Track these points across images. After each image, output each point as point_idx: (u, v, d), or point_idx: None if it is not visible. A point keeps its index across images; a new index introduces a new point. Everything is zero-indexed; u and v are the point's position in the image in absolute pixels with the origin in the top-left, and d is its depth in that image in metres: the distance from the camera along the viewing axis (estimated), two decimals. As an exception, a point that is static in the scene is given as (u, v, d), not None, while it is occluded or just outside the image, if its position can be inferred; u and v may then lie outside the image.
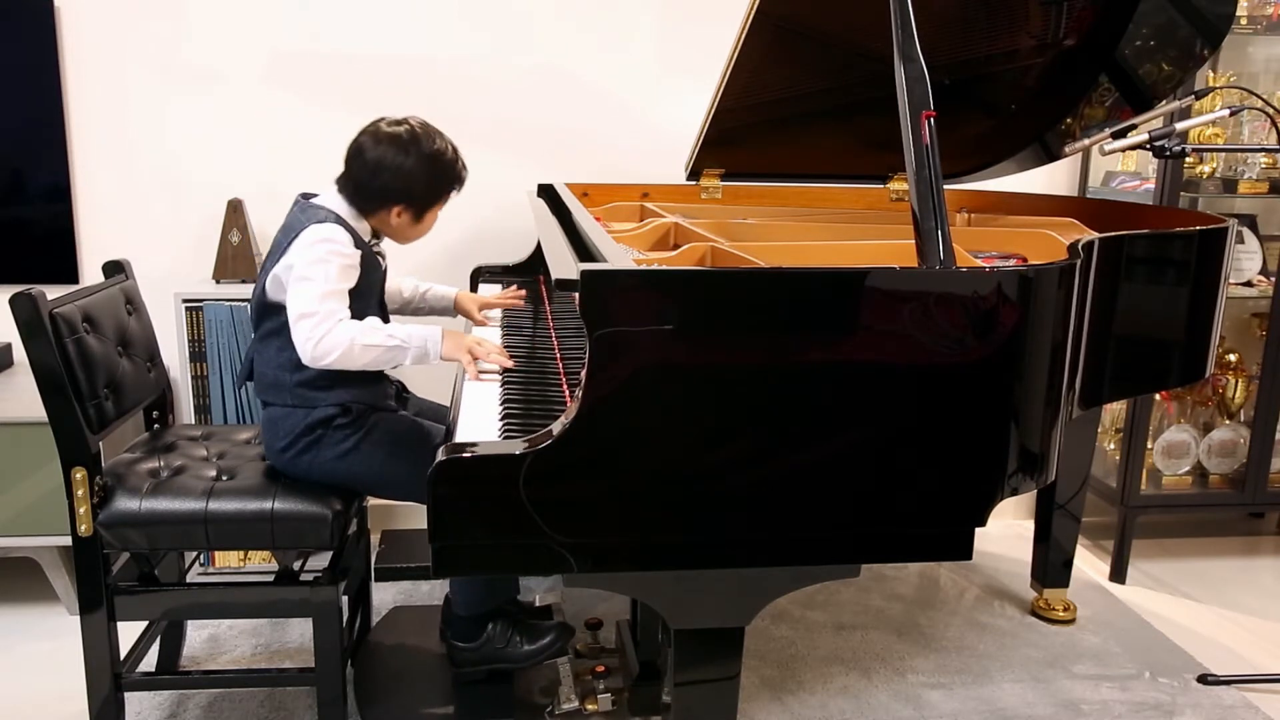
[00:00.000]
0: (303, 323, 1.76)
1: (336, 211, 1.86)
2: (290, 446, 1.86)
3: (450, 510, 1.34)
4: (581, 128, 2.87)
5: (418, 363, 1.81)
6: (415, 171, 1.85)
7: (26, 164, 2.69)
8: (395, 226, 1.92)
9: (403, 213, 1.89)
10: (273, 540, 1.81)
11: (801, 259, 1.95)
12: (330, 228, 1.81)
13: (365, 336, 1.77)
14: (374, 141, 1.85)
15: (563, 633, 2.05)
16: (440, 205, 1.94)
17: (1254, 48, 2.97)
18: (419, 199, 1.89)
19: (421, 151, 1.85)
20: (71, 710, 2.10)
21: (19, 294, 1.67)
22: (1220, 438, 2.94)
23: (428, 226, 1.96)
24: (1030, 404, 1.48)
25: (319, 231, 1.80)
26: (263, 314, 1.88)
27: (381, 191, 1.86)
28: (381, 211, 1.89)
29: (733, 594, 1.46)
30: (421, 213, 1.92)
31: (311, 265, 1.78)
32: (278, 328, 1.85)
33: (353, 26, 2.75)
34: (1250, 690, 2.29)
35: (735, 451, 1.36)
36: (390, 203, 1.88)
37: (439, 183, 1.90)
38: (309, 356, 1.77)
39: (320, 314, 1.76)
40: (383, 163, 1.84)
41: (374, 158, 1.84)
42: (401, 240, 1.97)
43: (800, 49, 2.19)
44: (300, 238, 1.81)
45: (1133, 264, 2.03)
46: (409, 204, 1.88)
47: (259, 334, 1.90)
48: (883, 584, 2.77)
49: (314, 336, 1.75)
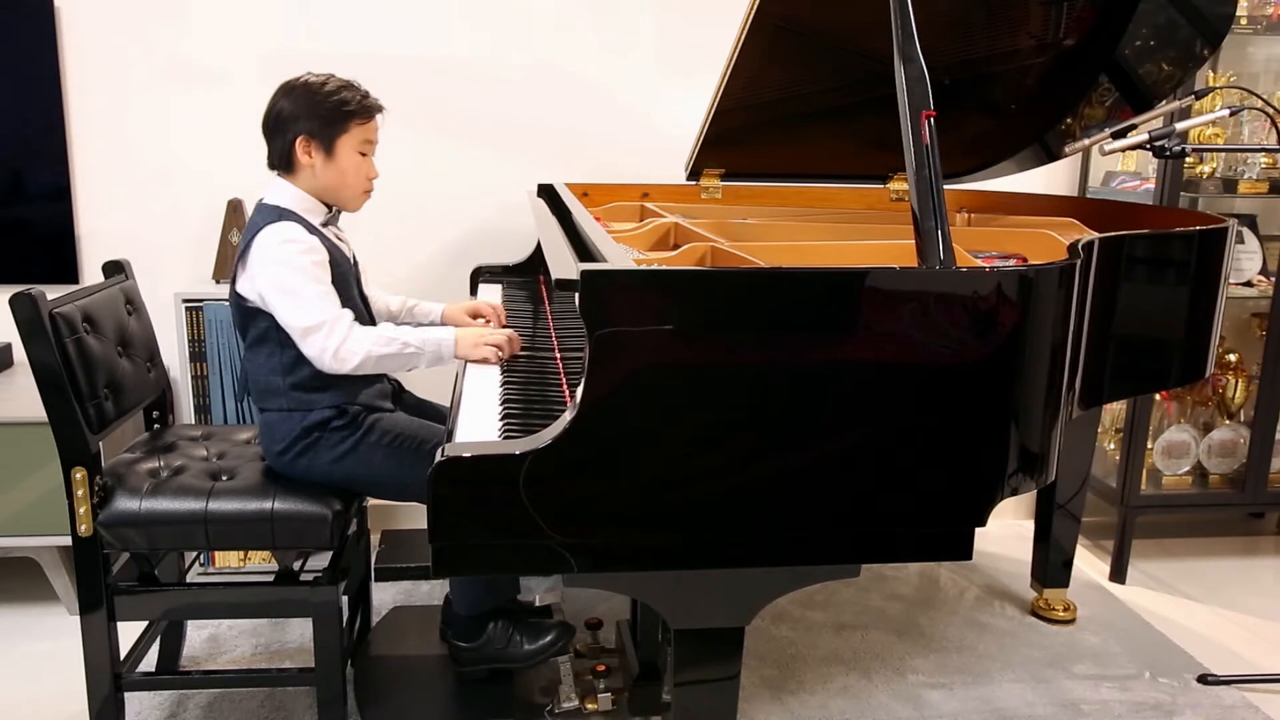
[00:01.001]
0: (312, 337, 1.77)
1: (280, 203, 1.87)
2: (288, 450, 1.86)
3: (450, 510, 1.34)
4: (581, 128, 2.88)
5: (433, 365, 1.85)
6: (300, 104, 1.86)
7: (26, 164, 2.69)
8: (316, 171, 1.88)
9: (310, 147, 1.86)
10: (273, 540, 1.81)
11: (801, 259, 1.95)
12: (280, 227, 1.81)
13: (381, 347, 1.80)
14: (270, 101, 1.90)
15: (564, 632, 2.05)
16: (354, 135, 1.89)
17: (1254, 48, 2.97)
18: (316, 127, 1.86)
19: (304, 87, 1.88)
20: (71, 710, 2.10)
21: (19, 294, 1.67)
22: (1220, 438, 2.94)
23: (356, 168, 1.91)
24: (1030, 404, 1.48)
25: (269, 235, 1.80)
26: (245, 321, 1.88)
27: (280, 132, 1.87)
28: (295, 157, 1.87)
29: (733, 594, 1.46)
30: (330, 144, 1.87)
31: (288, 275, 1.78)
32: (263, 333, 1.85)
33: (352, 26, 2.75)
34: (1250, 690, 2.29)
35: (735, 451, 1.36)
36: (291, 139, 1.86)
37: (330, 109, 1.86)
38: (326, 366, 1.78)
39: (326, 323, 1.77)
40: (272, 111, 1.89)
41: (268, 112, 1.90)
42: (342, 200, 1.93)
43: (800, 49, 2.19)
44: (256, 245, 1.80)
45: (1133, 264, 2.03)
46: (308, 135, 1.86)
47: (247, 342, 1.90)
48: (883, 584, 2.77)
49: (329, 347, 1.76)
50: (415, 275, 2.85)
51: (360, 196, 1.95)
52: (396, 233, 2.82)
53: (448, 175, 2.85)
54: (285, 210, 1.86)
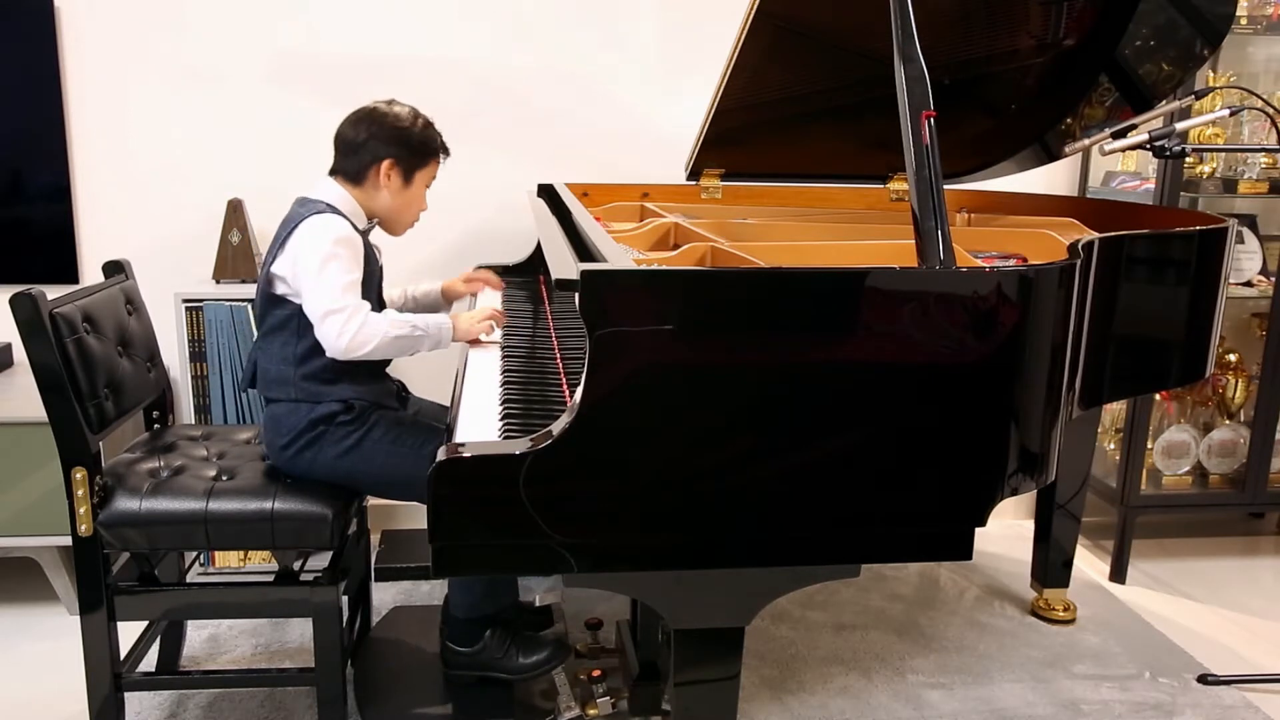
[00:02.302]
0: (331, 319, 1.80)
1: (331, 202, 1.92)
2: (292, 443, 1.86)
3: (450, 510, 1.34)
4: (581, 128, 2.88)
5: (434, 348, 1.93)
6: (399, 126, 1.95)
7: (26, 164, 2.69)
8: (387, 194, 1.95)
9: (392, 172, 1.94)
10: (273, 540, 1.81)
11: (801, 259, 1.95)
12: (328, 217, 1.86)
13: (395, 328, 1.85)
14: (355, 115, 1.97)
15: (559, 649, 2.06)
16: (428, 171, 2.01)
17: (1254, 48, 2.97)
18: (406, 152, 1.95)
19: (399, 118, 1.96)
20: (71, 710, 2.10)
21: (19, 294, 1.67)
22: (1220, 438, 2.94)
23: (418, 199, 2.02)
24: (1030, 404, 1.48)
25: (318, 222, 1.85)
26: (267, 308, 1.91)
27: (370, 149, 1.93)
28: (372, 173, 1.94)
29: (733, 594, 1.46)
30: (410, 172, 1.97)
31: (323, 261, 1.82)
32: (282, 321, 1.88)
33: (353, 26, 2.75)
34: (1250, 690, 2.29)
35: (735, 451, 1.36)
36: (379, 157, 1.93)
37: (423, 141, 1.97)
38: (342, 350, 1.81)
39: (348, 309, 1.81)
40: (368, 119, 1.95)
41: (357, 119, 1.96)
42: (396, 222, 2.02)
43: (800, 49, 2.19)
44: (299, 230, 1.85)
45: (1133, 264, 2.03)
46: (397, 159, 1.94)
47: (263, 329, 1.92)
48: (883, 584, 2.77)
49: (347, 331, 1.80)
50: (415, 275, 2.83)
51: (408, 226, 2.06)
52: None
53: (448, 175, 2.82)
54: (333, 207, 1.91)
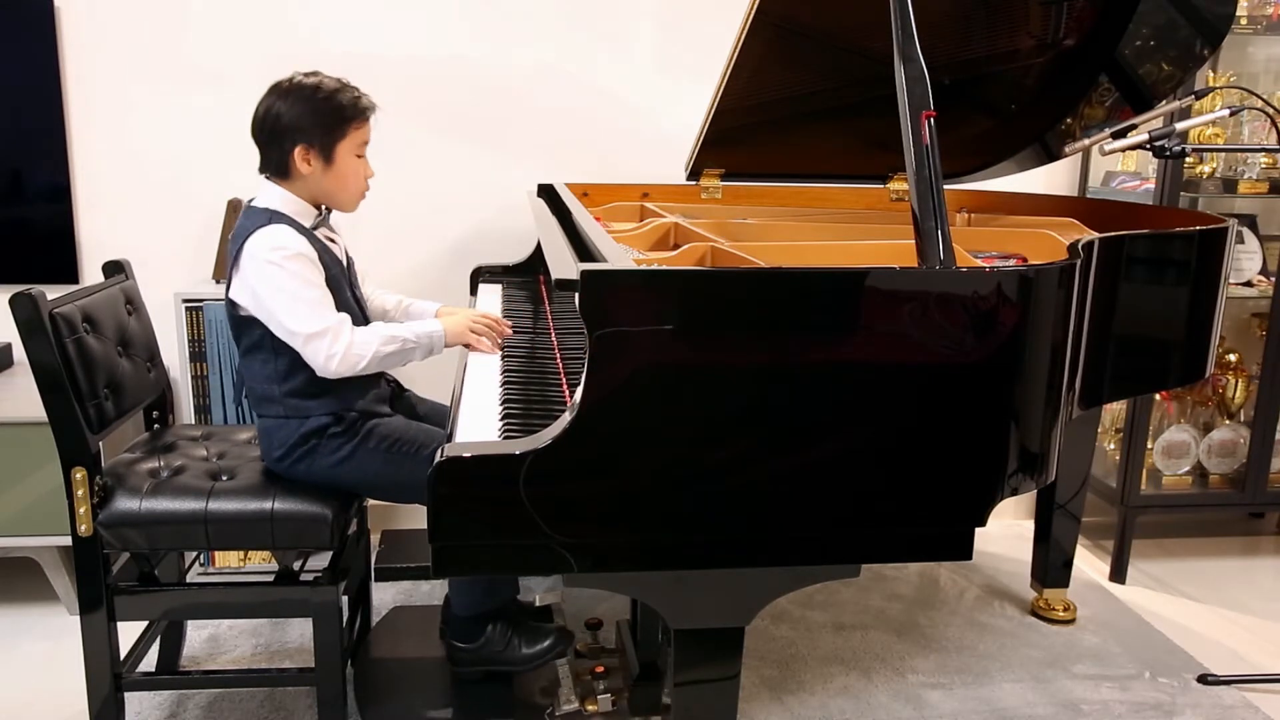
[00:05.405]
0: (314, 344, 1.76)
1: (271, 206, 1.84)
2: (286, 456, 1.86)
3: (450, 510, 1.34)
4: (581, 128, 2.87)
5: (428, 356, 1.89)
6: (298, 108, 1.82)
7: (26, 164, 2.69)
8: (315, 178, 1.85)
9: (309, 156, 1.83)
10: (273, 540, 1.81)
11: (801, 259, 1.95)
12: (268, 232, 1.78)
13: (385, 346, 1.82)
14: (257, 107, 1.85)
15: (562, 638, 2.05)
16: (352, 139, 1.87)
17: (1254, 48, 2.97)
18: (316, 133, 1.83)
19: (300, 91, 1.83)
20: (71, 710, 2.10)
21: (19, 294, 1.67)
22: (1220, 438, 2.94)
23: (353, 171, 1.89)
24: (1030, 404, 1.48)
25: (262, 240, 1.77)
26: (239, 329, 1.87)
27: (277, 141, 1.83)
28: (294, 166, 1.83)
29: (733, 594, 1.46)
30: (329, 149, 1.84)
31: (283, 281, 1.76)
32: (257, 341, 1.85)
33: (353, 26, 2.75)
34: (1250, 690, 2.29)
35: (735, 451, 1.36)
36: (290, 148, 1.82)
37: (329, 113, 1.83)
38: (332, 372, 1.78)
39: (329, 330, 1.77)
40: (268, 114, 1.83)
41: (260, 114, 1.84)
42: (340, 202, 1.91)
43: (800, 49, 2.19)
44: (245, 252, 1.78)
45: (1133, 264, 2.03)
46: (308, 144, 1.83)
47: (241, 348, 1.89)
48: (883, 584, 2.77)
49: (335, 353, 1.76)
50: (415, 275, 2.85)
51: (358, 198, 1.94)
52: (397, 232, 2.82)
53: (448, 175, 2.85)
54: (275, 213, 1.83)
